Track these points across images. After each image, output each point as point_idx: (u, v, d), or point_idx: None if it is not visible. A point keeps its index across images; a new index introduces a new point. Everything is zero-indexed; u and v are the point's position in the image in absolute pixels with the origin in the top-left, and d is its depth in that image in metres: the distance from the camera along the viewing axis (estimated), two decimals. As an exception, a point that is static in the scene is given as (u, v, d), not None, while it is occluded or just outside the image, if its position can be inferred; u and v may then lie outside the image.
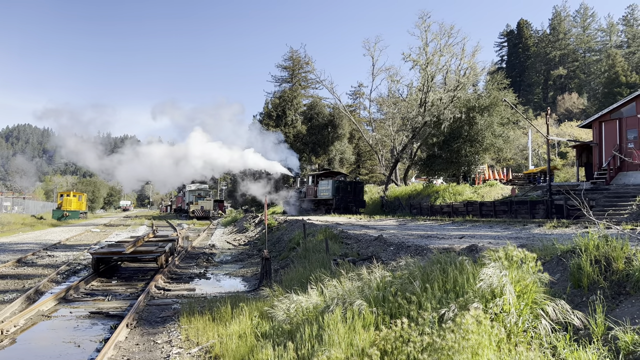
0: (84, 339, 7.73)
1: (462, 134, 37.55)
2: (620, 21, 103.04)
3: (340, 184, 35.88)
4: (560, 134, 54.72)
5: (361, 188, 38.49)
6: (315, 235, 15.81)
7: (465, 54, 39.21)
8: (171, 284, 12.78)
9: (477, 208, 26.74)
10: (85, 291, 11.72)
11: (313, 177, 39.98)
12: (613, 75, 71.44)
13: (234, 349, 6.15)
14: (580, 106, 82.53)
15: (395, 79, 44.77)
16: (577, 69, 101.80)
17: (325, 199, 36.58)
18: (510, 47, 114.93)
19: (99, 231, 32.87)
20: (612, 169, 26.05)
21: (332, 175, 39.41)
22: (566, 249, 6.31)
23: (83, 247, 21.36)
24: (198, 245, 23.77)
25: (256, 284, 12.13)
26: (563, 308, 4.89)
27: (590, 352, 4.21)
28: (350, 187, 36.52)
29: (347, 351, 4.84)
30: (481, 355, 4.16)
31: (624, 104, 27.18)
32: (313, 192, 38.61)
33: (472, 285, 5.13)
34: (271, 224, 25.82)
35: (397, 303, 5.44)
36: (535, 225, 15.99)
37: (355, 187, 37.14)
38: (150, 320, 8.74)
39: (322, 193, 36.96)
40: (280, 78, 73.85)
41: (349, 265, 8.79)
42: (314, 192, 38.34)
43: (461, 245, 10.11)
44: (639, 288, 5.04)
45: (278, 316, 6.61)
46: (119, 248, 14.13)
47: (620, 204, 21.10)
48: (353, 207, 35.87)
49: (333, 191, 35.53)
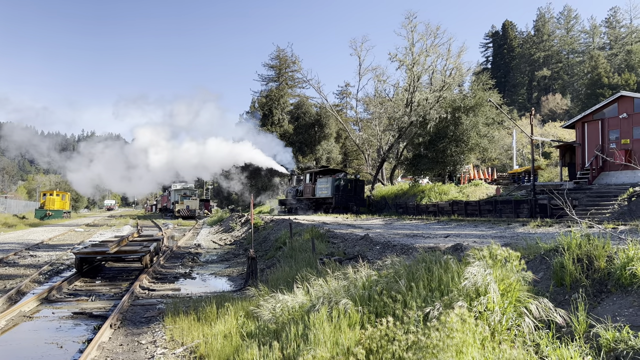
0: (66, 340, 7.63)
1: (447, 134, 37.80)
2: (603, 23, 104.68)
3: (340, 182, 34.00)
4: (544, 134, 55.38)
5: (362, 186, 36.50)
6: (301, 235, 15.79)
7: (451, 55, 39.49)
8: (156, 284, 12.68)
9: (463, 207, 26.95)
10: (68, 291, 11.57)
11: (311, 174, 37.66)
12: (596, 76, 72.49)
13: (219, 348, 6.11)
14: (564, 107, 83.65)
15: (381, 79, 44.91)
16: (561, 70, 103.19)
17: (323, 197, 34.86)
18: (495, 48, 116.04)
19: (83, 231, 32.47)
20: (595, 169, 26.44)
21: (331, 173, 37.26)
22: (549, 248, 6.38)
23: (66, 247, 21.08)
24: (183, 244, 23.61)
25: (242, 283, 12.08)
26: (546, 306, 4.94)
27: (573, 350, 4.26)
28: (350, 185, 34.59)
29: (333, 350, 4.84)
30: (465, 354, 4.19)
31: (606, 105, 27.61)
32: (311, 190, 36.54)
33: (457, 284, 5.17)
34: (257, 224, 25.74)
35: (383, 302, 5.46)
36: (519, 225, 16.16)
37: (356, 186, 35.11)
38: (134, 321, 8.65)
39: (321, 191, 35.11)
40: (267, 77, 73.75)
41: (335, 265, 8.79)
42: (312, 191, 36.32)
43: (446, 244, 10.18)
44: (620, 286, 5.11)
45: (264, 316, 6.59)
46: (103, 248, 13.98)
47: (603, 203, 21.42)
48: (354, 207, 33.87)
49: (332, 189, 33.76)
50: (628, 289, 5.01)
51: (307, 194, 37.23)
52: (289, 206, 39.66)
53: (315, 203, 36.24)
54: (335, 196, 33.44)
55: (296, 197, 38.99)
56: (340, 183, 34.07)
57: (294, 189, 39.76)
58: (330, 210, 33.49)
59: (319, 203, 35.80)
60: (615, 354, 4.15)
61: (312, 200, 36.55)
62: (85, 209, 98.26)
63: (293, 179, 41.41)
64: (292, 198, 39.48)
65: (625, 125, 26.14)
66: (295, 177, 41.19)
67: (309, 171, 39.05)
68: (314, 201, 36.40)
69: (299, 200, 38.43)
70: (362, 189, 36.45)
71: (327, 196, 34.34)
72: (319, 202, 35.80)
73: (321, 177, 36.37)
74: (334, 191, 33.73)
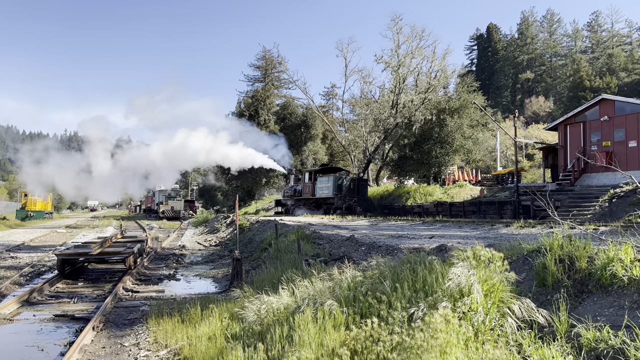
0: (48, 343, 7.52)
1: (432, 136, 38.10)
2: (585, 27, 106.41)
3: (342, 181, 32.18)
4: (527, 136, 56.05)
5: (365, 186, 34.63)
6: (287, 236, 15.76)
7: (436, 57, 39.87)
8: (140, 286, 12.55)
9: (447, 208, 27.16)
10: (49, 293, 11.40)
11: (310, 173, 35.60)
12: (578, 79, 73.61)
13: (204, 350, 6.07)
14: (547, 109, 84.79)
15: (367, 81, 45.15)
16: (544, 73, 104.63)
17: (324, 197, 32.91)
18: (480, 50, 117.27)
19: (65, 232, 32.02)
20: (577, 171, 26.82)
21: (332, 171, 35.15)
22: (532, 249, 6.45)
23: (48, 248, 20.77)
24: (168, 246, 23.41)
25: (227, 285, 12.02)
26: (528, 306, 5.00)
27: (554, 349, 4.31)
28: (353, 184, 32.70)
29: (318, 351, 4.84)
30: (449, 354, 4.22)
31: (588, 108, 28.04)
32: (310, 190, 34.50)
33: (441, 285, 5.20)
34: (243, 225, 25.63)
35: (368, 303, 5.47)
36: (503, 226, 16.32)
37: (359, 185, 33.13)
38: (117, 323, 8.56)
39: (321, 191, 33.17)
40: (253, 77, 73.51)
41: (321, 266, 8.79)
42: (312, 190, 34.27)
43: (431, 245, 10.24)
44: (601, 286, 5.19)
45: (249, 317, 6.56)
46: (86, 249, 13.80)
47: (584, 204, 21.74)
48: (357, 208, 31.63)
49: (334, 189, 31.82)
50: (608, 289, 5.09)
51: (306, 194, 35.37)
52: (287, 207, 38.02)
53: (315, 203, 34.52)
54: (338, 196, 31.60)
55: (294, 197, 37.28)
56: (343, 182, 32.34)
57: (292, 188, 38.06)
58: (332, 211, 31.69)
59: (319, 203, 34.07)
60: (596, 354, 4.21)
61: (312, 200, 34.81)
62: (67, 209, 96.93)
63: (291, 178, 39.76)
64: (290, 198, 37.78)
65: (606, 128, 26.57)
66: (293, 177, 39.52)
67: (308, 170, 37.44)
68: (314, 201, 34.65)
69: (298, 200, 36.74)
70: (366, 188, 34.65)
71: (328, 196, 32.56)
72: (319, 203, 34.06)
73: (321, 176, 34.41)
74: (335, 191, 31.92)
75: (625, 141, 25.64)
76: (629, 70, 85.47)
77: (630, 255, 5.21)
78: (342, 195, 31.65)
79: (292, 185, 38.46)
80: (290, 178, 39.70)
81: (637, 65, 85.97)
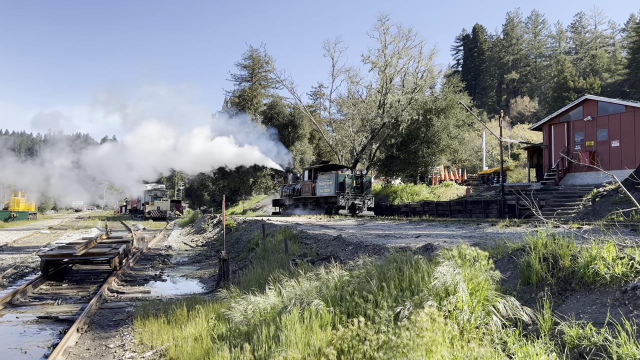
0: (31, 345, 7.42)
1: (419, 136, 38.33)
2: (569, 28, 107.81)
3: (345, 178, 30.55)
4: (512, 136, 56.61)
5: (369, 183, 32.72)
6: (274, 236, 15.73)
7: (423, 57, 40.10)
8: (125, 287, 12.44)
9: (434, 208, 27.35)
10: (33, 295, 11.24)
11: (310, 170, 34.10)
12: (562, 80, 74.54)
13: (190, 351, 6.04)
14: (532, 109, 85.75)
15: (354, 81, 45.23)
16: (529, 73, 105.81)
17: (326, 196, 31.34)
18: (466, 51, 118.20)
19: (49, 233, 31.60)
20: (561, 170, 27.17)
21: (333, 169, 33.78)
22: (517, 248, 6.51)
23: (32, 250, 20.48)
24: (154, 246, 23.23)
25: (214, 285, 11.96)
26: (513, 304, 5.05)
27: (538, 347, 4.36)
28: (357, 182, 31.10)
29: (304, 351, 4.83)
30: (435, 352, 4.24)
31: (572, 108, 28.42)
32: (310, 188, 32.99)
33: (427, 284, 5.23)
34: (230, 225, 25.53)
35: (354, 302, 5.48)
36: (488, 225, 16.45)
37: (363, 182, 31.43)
38: (102, 324, 8.47)
39: (323, 189, 31.62)
40: (240, 77, 73.16)
41: (308, 266, 8.79)
42: (312, 189, 32.80)
43: (417, 244, 10.29)
44: (584, 284, 5.26)
45: (235, 318, 6.54)
46: (70, 250, 13.63)
47: (568, 203, 22.02)
48: (361, 207, 30.24)
49: (336, 187, 30.20)
50: (591, 287, 5.16)
51: (306, 193, 33.81)
52: (285, 207, 36.70)
53: (316, 203, 32.97)
54: (341, 194, 29.90)
55: (293, 196, 35.71)
56: (346, 179, 30.62)
57: (291, 187, 36.50)
58: (333, 211, 30.20)
59: (319, 203, 32.55)
60: (579, 350, 4.27)
61: (312, 199, 33.31)
62: (52, 210, 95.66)
63: (289, 176, 38.21)
64: (289, 198, 36.34)
65: (589, 128, 26.94)
66: (291, 175, 38.06)
67: (307, 167, 35.99)
68: (314, 201, 33.15)
69: (297, 200, 35.30)
70: (370, 186, 32.89)
71: (330, 195, 30.90)
72: (319, 202, 32.57)
73: (322, 173, 32.85)
74: (338, 189, 30.25)
75: (608, 141, 26.03)
76: (612, 71, 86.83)
77: (612, 253, 5.29)
78: (345, 193, 30.15)
79: (291, 184, 36.96)
80: (289, 176, 38.26)
81: (619, 67, 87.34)
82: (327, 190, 31.08)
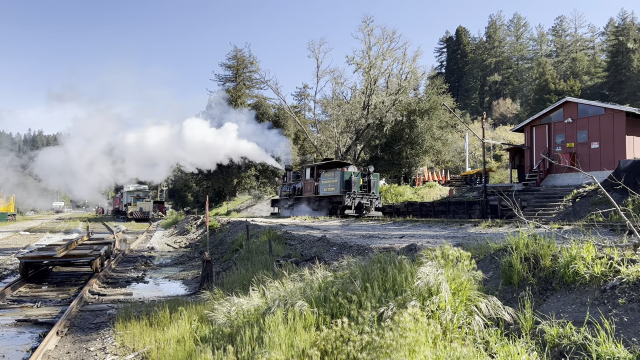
0: (9, 349, 7.27)
1: (403, 137, 38.58)
2: (550, 31, 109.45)
3: (351, 176, 28.34)
4: (495, 137, 57.25)
5: (377, 181, 30.25)
6: (258, 237, 15.67)
7: (407, 59, 40.41)
8: (107, 289, 12.28)
9: (418, 208, 27.52)
10: (11, 298, 11.03)
11: (311, 168, 31.79)
12: (543, 82, 75.67)
13: (172, 354, 5.98)
14: (514, 111, 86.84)
15: (339, 82, 45.38)
16: (511, 75, 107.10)
17: (330, 195, 29.21)
18: (449, 53, 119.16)
19: (29, 234, 31.06)
20: (542, 171, 27.55)
21: (337, 166, 31.41)
22: (499, 248, 6.58)
23: (10, 251, 20.10)
24: (136, 248, 22.98)
25: (197, 287, 11.87)
26: (495, 304, 5.10)
27: (520, 346, 4.41)
28: (364, 180, 28.96)
29: (288, 352, 4.82)
30: (418, 352, 4.26)
31: (553, 110, 28.85)
32: (312, 187, 30.88)
33: (411, 284, 5.25)
34: (213, 226, 25.38)
35: (338, 303, 5.48)
36: (471, 225, 16.59)
37: (370, 181, 29.12)
38: (83, 327, 8.35)
39: (327, 188, 29.47)
40: (224, 77, 72.69)
41: (292, 266, 8.77)
42: (314, 188, 30.72)
43: (401, 244, 10.34)
44: (564, 284, 5.34)
45: (218, 319, 6.49)
46: (50, 252, 13.40)
47: (549, 204, 22.34)
48: (369, 207, 28.22)
49: (342, 186, 28.04)
50: (571, 287, 5.23)
51: (307, 192, 31.64)
52: (285, 207, 34.59)
53: (319, 203, 30.84)
54: (347, 194, 27.79)
55: (293, 196, 33.54)
56: (352, 177, 28.30)
57: (291, 186, 34.22)
58: (339, 211, 28.33)
59: (323, 203, 30.42)
60: (559, 349, 4.32)
61: (315, 199, 31.16)
62: (31, 211, 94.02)
63: (288, 175, 35.73)
64: (289, 197, 34.12)
65: (570, 130, 27.37)
66: (291, 173, 35.55)
67: (309, 165, 33.51)
68: (317, 200, 31.01)
69: (297, 200, 33.11)
70: (377, 184, 30.49)
71: (335, 194, 28.77)
72: (323, 202, 30.42)
73: (326, 171, 30.68)
74: (343, 187, 28.06)
75: (587, 142, 26.47)
76: (592, 74, 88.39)
77: (592, 253, 5.37)
78: (351, 192, 27.94)
79: (291, 183, 34.59)
80: (288, 175, 35.82)
81: (599, 69, 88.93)
82: (332, 189, 29.09)
